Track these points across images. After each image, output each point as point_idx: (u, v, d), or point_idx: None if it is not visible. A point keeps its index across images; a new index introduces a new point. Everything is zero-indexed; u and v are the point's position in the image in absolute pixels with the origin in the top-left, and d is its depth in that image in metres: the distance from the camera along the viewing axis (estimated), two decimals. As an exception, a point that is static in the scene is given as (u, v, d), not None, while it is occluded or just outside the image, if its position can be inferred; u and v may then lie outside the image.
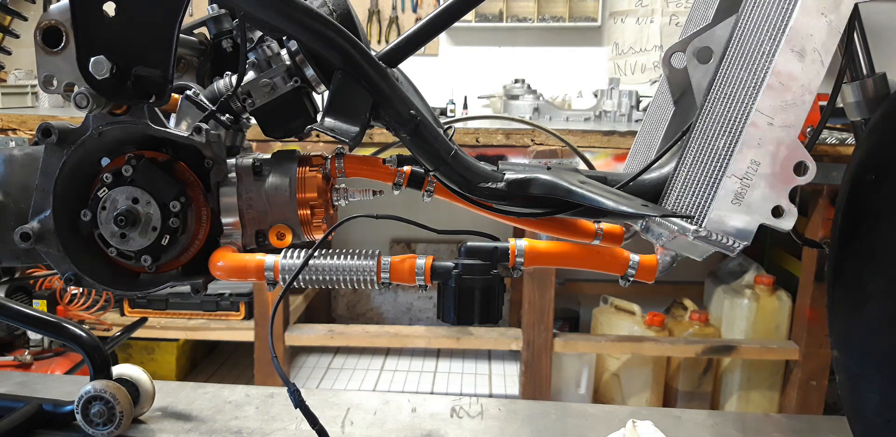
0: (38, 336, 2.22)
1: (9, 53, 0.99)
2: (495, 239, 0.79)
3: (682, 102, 0.89)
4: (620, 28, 2.84)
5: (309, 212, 0.78)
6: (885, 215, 0.76)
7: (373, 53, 0.74)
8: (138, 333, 1.32)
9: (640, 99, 2.52)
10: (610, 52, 2.88)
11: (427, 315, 2.99)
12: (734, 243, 0.71)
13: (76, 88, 0.71)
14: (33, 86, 2.55)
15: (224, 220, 0.78)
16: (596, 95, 2.56)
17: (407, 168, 0.83)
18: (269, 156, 0.80)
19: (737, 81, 0.72)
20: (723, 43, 0.75)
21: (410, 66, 0.79)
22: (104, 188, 0.75)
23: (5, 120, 2.06)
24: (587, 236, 0.89)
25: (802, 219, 2.06)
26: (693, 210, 0.72)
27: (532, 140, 1.97)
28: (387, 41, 2.89)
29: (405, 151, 0.77)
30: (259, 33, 0.81)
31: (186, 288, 0.78)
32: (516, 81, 2.60)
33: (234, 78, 0.78)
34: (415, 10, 2.90)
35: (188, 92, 0.81)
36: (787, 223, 0.71)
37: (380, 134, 1.86)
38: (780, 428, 1.07)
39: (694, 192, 0.73)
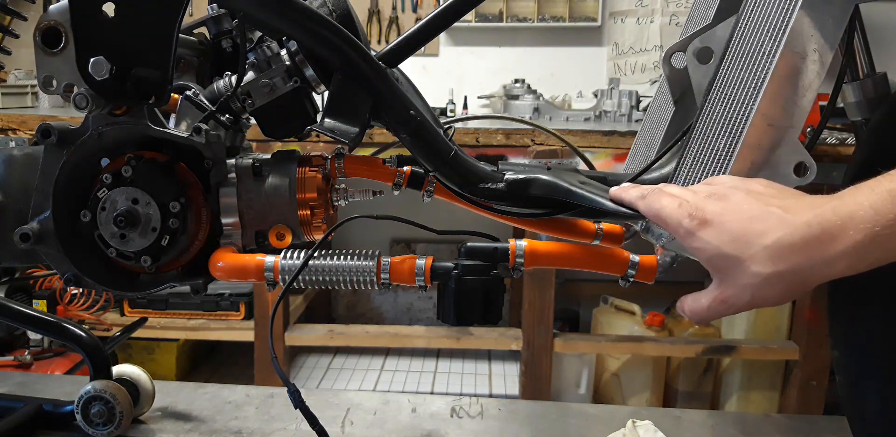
0: (38, 336, 2.22)
1: (9, 53, 0.99)
2: (495, 239, 0.79)
3: (682, 102, 0.89)
4: (620, 28, 2.84)
5: (309, 212, 0.77)
6: (885, 216, 0.76)
7: (373, 54, 0.74)
8: (138, 333, 1.32)
9: (640, 99, 2.52)
10: (610, 52, 2.88)
11: (427, 315, 2.99)
12: (734, 243, 0.70)
13: (76, 89, 0.71)
14: (33, 86, 2.54)
15: (224, 220, 0.78)
16: (596, 95, 2.56)
17: (407, 168, 0.83)
18: (268, 156, 0.80)
19: (737, 81, 0.71)
20: (723, 43, 0.75)
21: (410, 67, 0.79)
22: (104, 189, 0.75)
23: (5, 120, 2.06)
24: (587, 236, 0.89)
25: (802, 219, 2.06)
26: (693, 210, 0.72)
27: (532, 140, 1.97)
28: (387, 41, 2.89)
29: (405, 152, 0.77)
30: (259, 33, 0.81)
31: (186, 289, 0.78)
32: (516, 81, 2.60)
33: (234, 78, 0.78)
34: (415, 10, 2.90)
35: (188, 92, 0.81)
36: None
37: (380, 134, 1.86)
38: (780, 428, 1.07)
39: (694, 192, 0.73)
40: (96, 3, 0.69)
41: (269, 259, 0.75)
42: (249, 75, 0.78)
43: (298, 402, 0.76)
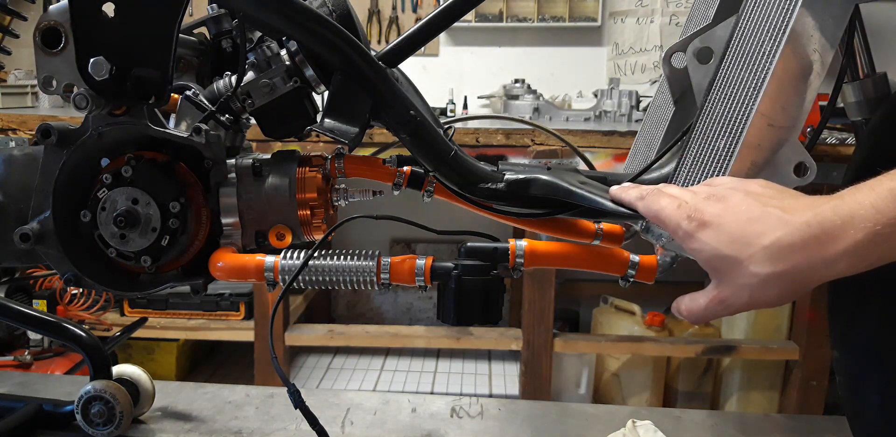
0: (38, 336, 2.22)
1: (9, 53, 0.99)
2: (495, 239, 0.79)
3: (682, 102, 0.89)
4: (620, 28, 2.84)
5: (309, 212, 0.77)
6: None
7: (373, 54, 0.74)
8: (138, 333, 1.32)
9: (640, 99, 2.52)
10: (610, 52, 2.88)
11: (427, 315, 2.99)
12: (734, 243, 0.70)
13: (75, 89, 0.71)
14: (33, 86, 2.54)
15: (224, 220, 0.78)
16: (596, 95, 2.56)
17: (407, 168, 0.83)
18: (268, 156, 0.80)
19: (737, 81, 0.71)
20: (723, 43, 0.75)
21: (410, 67, 0.79)
22: (104, 189, 0.75)
23: (5, 120, 2.06)
24: (587, 236, 0.89)
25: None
26: (693, 211, 0.71)
27: (532, 140, 1.97)
28: (387, 41, 2.89)
29: (405, 152, 0.77)
30: (259, 33, 0.81)
31: (186, 289, 0.78)
32: (516, 81, 2.60)
33: (234, 78, 0.78)
34: (415, 10, 2.90)
35: (188, 92, 0.81)
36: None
37: (380, 134, 1.86)
38: (780, 428, 1.07)
39: (694, 192, 0.73)
40: (96, 3, 0.69)
41: (269, 259, 0.75)
42: (249, 75, 0.78)
43: (298, 402, 0.76)
